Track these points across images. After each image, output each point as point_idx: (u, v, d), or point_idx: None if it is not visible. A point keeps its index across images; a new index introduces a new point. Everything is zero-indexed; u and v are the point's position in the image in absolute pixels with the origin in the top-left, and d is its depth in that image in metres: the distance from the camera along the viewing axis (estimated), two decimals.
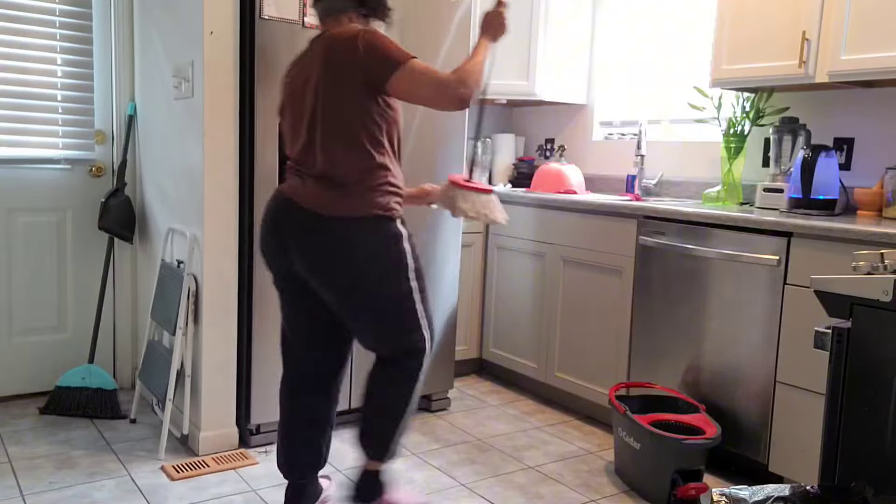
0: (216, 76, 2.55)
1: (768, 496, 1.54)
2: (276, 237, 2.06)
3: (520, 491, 2.51)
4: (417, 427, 3.04)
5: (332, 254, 1.98)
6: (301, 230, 2.00)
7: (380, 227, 2.01)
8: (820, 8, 2.62)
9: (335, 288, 2.02)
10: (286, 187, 2.07)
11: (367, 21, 2.14)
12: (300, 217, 2.00)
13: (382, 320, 2.06)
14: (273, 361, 2.73)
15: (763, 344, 2.48)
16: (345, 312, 2.07)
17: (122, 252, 3.31)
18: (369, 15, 2.14)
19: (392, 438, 2.14)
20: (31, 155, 3.09)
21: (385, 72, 1.95)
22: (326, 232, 1.98)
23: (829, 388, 1.63)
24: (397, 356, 2.10)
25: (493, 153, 4.09)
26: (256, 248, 2.63)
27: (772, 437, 2.46)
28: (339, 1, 2.09)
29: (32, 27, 3.03)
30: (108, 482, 2.43)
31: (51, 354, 3.23)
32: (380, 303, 2.04)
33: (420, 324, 2.10)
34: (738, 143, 3.04)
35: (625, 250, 2.92)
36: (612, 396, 2.65)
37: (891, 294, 1.50)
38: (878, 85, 2.74)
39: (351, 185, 1.99)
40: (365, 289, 2.01)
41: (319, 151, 2.00)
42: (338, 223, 1.98)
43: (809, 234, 2.33)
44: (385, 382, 2.14)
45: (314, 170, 2.02)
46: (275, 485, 2.46)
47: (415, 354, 2.10)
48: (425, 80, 1.96)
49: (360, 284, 2.00)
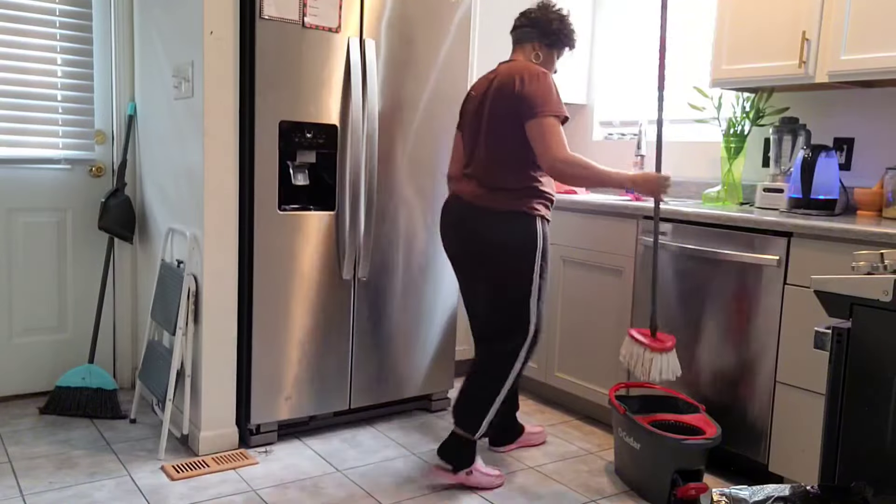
0: (216, 76, 2.55)
1: (768, 496, 1.54)
2: (445, 225, 2.59)
3: (520, 491, 2.51)
4: (417, 427, 3.04)
5: (474, 234, 2.47)
6: (458, 218, 2.51)
7: (517, 220, 2.42)
8: (820, 8, 2.62)
9: (473, 265, 2.52)
10: (456, 187, 2.56)
11: (551, 50, 2.56)
12: (459, 207, 2.51)
13: (500, 297, 2.47)
14: (273, 361, 2.73)
15: (763, 344, 2.48)
16: (473, 287, 2.59)
17: (122, 252, 3.31)
18: (552, 45, 2.55)
19: (476, 411, 2.46)
20: (31, 155, 3.09)
21: (526, 115, 2.38)
22: (475, 219, 2.46)
23: (829, 388, 1.63)
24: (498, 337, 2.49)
25: None
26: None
27: (772, 437, 2.46)
28: (527, 33, 2.54)
29: (32, 27, 3.03)
30: (108, 482, 2.43)
31: (51, 354, 3.23)
32: (500, 284, 2.46)
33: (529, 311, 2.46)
34: (738, 143, 3.04)
35: (625, 250, 2.92)
36: (612, 396, 2.65)
37: (891, 294, 1.50)
38: (878, 85, 2.74)
39: (501, 189, 2.43)
40: (491, 268, 2.46)
41: (483, 163, 2.47)
42: (484, 212, 2.44)
43: (809, 235, 2.33)
44: (483, 361, 2.51)
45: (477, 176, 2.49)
46: (275, 485, 2.46)
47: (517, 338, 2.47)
48: (544, 139, 2.36)
49: (489, 264, 2.46)
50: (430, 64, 2.98)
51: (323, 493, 2.42)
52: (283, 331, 2.74)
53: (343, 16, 2.72)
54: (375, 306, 2.96)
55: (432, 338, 3.15)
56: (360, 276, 2.89)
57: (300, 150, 2.72)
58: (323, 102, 2.72)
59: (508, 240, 2.41)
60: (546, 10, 2.56)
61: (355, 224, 2.83)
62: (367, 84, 2.77)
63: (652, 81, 3.69)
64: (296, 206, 2.73)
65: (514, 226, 2.41)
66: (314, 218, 2.76)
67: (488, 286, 2.48)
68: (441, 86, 3.01)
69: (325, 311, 2.83)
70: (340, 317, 2.87)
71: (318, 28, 2.67)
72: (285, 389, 2.77)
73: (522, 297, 2.45)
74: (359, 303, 2.91)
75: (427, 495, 2.45)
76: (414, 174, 2.99)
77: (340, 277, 2.85)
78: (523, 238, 2.42)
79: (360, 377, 2.96)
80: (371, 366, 2.98)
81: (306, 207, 2.75)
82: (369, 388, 2.99)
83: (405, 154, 2.96)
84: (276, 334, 2.72)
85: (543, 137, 2.36)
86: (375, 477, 2.56)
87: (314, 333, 2.81)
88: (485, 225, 2.43)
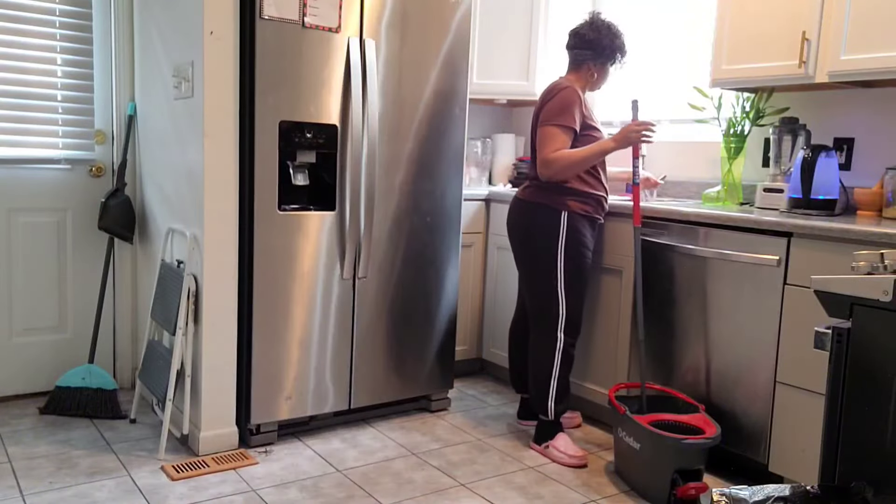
0: (216, 76, 2.55)
1: (768, 496, 1.54)
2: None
3: (520, 491, 2.51)
4: (417, 427, 3.04)
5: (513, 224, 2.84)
6: (509, 210, 2.87)
7: (543, 212, 2.71)
8: (820, 8, 2.62)
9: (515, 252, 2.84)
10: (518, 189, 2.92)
11: (605, 65, 2.79)
12: (513, 202, 2.87)
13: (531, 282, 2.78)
14: (273, 361, 2.73)
15: (763, 344, 2.48)
16: (520, 273, 2.87)
17: (122, 252, 3.31)
18: (606, 61, 2.78)
19: (539, 394, 2.77)
20: (31, 155, 3.09)
21: (540, 125, 2.71)
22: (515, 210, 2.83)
23: (829, 388, 1.63)
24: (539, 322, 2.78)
25: (493, 153, 4.10)
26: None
27: (772, 437, 2.46)
28: (580, 54, 2.78)
29: (32, 27, 3.03)
30: (108, 482, 2.43)
31: (51, 354, 3.23)
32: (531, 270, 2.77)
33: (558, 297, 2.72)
34: (738, 143, 3.04)
35: (625, 250, 2.92)
36: (611, 396, 2.65)
37: (891, 294, 1.50)
38: (878, 85, 2.74)
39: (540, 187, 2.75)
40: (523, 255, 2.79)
41: (532, 165, 2.81)
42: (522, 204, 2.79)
43: (809, 235, 2.33)
44: (531, 342, 2.83)
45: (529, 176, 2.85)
46: (275, 485, 2.47)
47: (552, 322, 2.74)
48: (540, 144, 2.69)
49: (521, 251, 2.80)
50: (430, 64, 2.98)
51: (323, 493, 2.42)
52: (283, 331, 2.74)
53: (343, 16, 2.72)
54: (375, 306, 2.96)
55: (432, 338, 3.15)
56: (360, 275, 2.89)
57: (300, 150, 2.72)
58: (323, 102, 2.72)
59: (531, 228, 2.74)
60: (598, 30, 2.76)
61: (355, 224, 2.83)
62: (367, 84, 2.77)
63: (652, 82, 3.69)
64: (296, 206, 2.73)
65: (538, 216, 2.72)
66: (314, 218, 2.76)
67: (524, 271, 2.82)
68: (441, 85, 3.01)
69: (325, 311, 2.83)
70: (340, 317, 2.87)
71: (318, 28, 2.67)
72: (285, 389, 2.77)
73: (549, 282, 2.72)
74: (359, 303, 2.91)
75: (427, 495, 2.45)
76: (414, 174, 2.99)
77: (341, 277, 2.85)
78: (546, 228, 2.70)
79: (360, 377, 2.96)
80: (371, 366, 2.98)
81: (306, 207, 2.75)
82: (369, 388, 2.99)
83: (405, 154, 2.96)
84: (276, 334, 2.72)
85: (540, 143, 2.69)
86: (375, 477, 2.56)
87: (314, 333, 2.81)
88: (519, 215, 2.80)
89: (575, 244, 2.71)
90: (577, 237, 2.71)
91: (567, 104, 2.65)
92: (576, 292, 2.74)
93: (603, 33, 2.74)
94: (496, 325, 3.62)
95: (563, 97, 2.67)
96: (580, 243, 2.72)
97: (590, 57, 2.77)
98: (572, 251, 2.71)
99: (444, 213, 3.10)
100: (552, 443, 2.77)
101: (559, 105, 2.66)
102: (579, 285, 2.75)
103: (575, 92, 2.68)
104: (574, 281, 2.73)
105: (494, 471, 2.66)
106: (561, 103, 2.66)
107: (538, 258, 2.73)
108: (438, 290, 3.13)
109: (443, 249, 3.12)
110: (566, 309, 2.73)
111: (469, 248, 3.58)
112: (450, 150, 3.08)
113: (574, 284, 2.73)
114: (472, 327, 3.67)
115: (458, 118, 3.09)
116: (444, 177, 3.08)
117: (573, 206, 2.70)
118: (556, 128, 2.65)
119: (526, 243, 2.77)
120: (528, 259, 2.78)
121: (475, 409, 3.30)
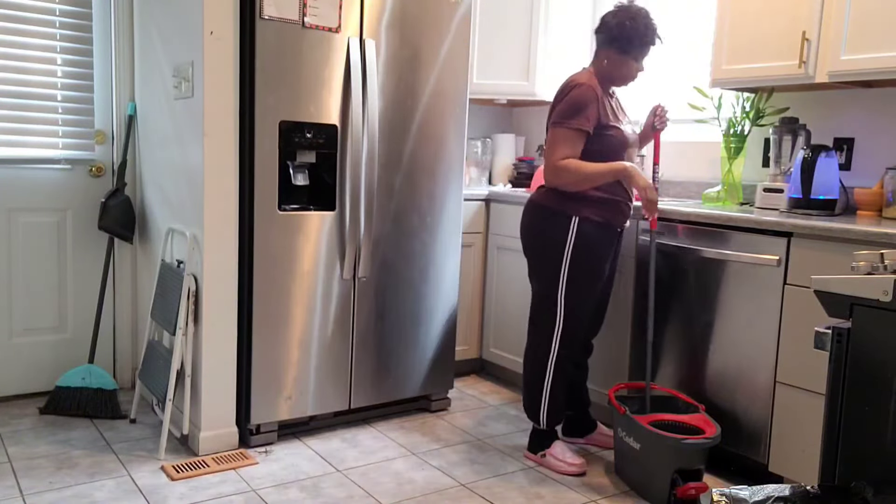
0: (216, 76, 2.55)
1: (768, 496, 1.54)
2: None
3: (519, 491, 2.51)
4: (417, 427, 3.04)
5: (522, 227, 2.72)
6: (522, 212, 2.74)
7: (552, 217, 2.58)
8: (820, 8, 2.62)
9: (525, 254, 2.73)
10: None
11: (624, 55, 2.56)
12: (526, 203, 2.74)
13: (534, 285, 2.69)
14: (273, 361, 2.73)
15: (763, 344, 2.48)
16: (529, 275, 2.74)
17: (122, 252, 3.31)
18: (624, 50, 2.55)
19: (531, 402, 2.69)
20: (31, 155, 3.09)
21: (552, 122, 2.56)
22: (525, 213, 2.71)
23: (829, 388, 1.63)
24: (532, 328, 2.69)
25: (493, 153, 4.10)
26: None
27: (772, 437, 2.46)
28: (597, 39, 2.61)
29: (32, 27, 3.03)
30: (108, 482, 2.43)
31: (51, 354, 3.23)
32: (534, 273, 2.67)
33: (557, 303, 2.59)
34: (738, 143, 3.04)
35: (625, 250, 2.92)
36: (611, 397, 2.64)
37: (891, 294, 1.50)
38: (878, 85, 2.74)
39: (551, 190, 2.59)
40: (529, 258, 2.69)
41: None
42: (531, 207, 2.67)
43: (809, 235, 2.33)
44: (527, 345, 2.72)
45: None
46: (275, 485, 2.47)
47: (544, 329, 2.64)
48: (548, 148, 2.55)
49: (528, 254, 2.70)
50: (430, 64, 2.98)
51: (323, 493, 2.42)
52: (283, 331, 2.74)
53: (343, 16, 2.72)
54: (375, 306, 2.96)
55: (432, 338, 3.15)
56: (360, 276, 2.89)
57: (300, 150, 2.72)
58: (323, 102, 2.72)
59: (538, 233, 2.63)
60: (616, 14, 2.54)
61: (355, 224, 2.83)
62: (367, 84, 2.77)
63: (652, 82, 3.68)
64: (296, 206, 2.73)
65: (546, 221, 2.60)
66: (314, 218, 2.76)
67: (530, 275, 2.72)
68: (441, 85, 3.01)
69: (326, 311, 2.83)
70: (340, 317, 2.87)
71: (318, 28, 2.67)
72: (285, 389, 2.77)
73: (550, 288, 2.60)
74: (359, 303, 2.91)
75: (427, 495, 2.45)
76: (414, 174, 2.99)
77: (341, 277, 2.85)
78: (553, 234, 2.57)
79: (360, 377, 2.96)
80: (371, 366, 2.98)
81: (306, 207, 2.75)
82: (369, 388, 2.99)
83: (405, 154, 2.96)
84: (276, 334, 2.72)
85: (549, 146, 2.55)
86: (375, 477, 2.56)
87: (314, 333, 2.81)
88: (528, 218, 2.68)
89: (584, 253, 2.54)
90: (588, 246, 2.55)
91: (579, 104, 2.48)
92: (577, 304, 2.59)
93: (620, 17, 2.52)
94: (496, 324, 3.62)
95: (575, 96, 2.49)
96: (591, 253, 2.55)
97: (603, 42, 2.58)
98: (580, 260, 2.54)
99: (444, 213, 3.10)
100: (549, 451, 2.70)
101: (570, 105, 2.49)
102: (582, 298, 2.59)
103: (590, 89, 2.50)
104: (577, 292, 2.57)
105: (494, 471, 2.66)
106: (572, 103, 2.49)
107: (542, 265, 2.62)
108: (438, 290, 3.13)
109: (443, 249, 3.12)
110: (563, 320, 2.59)
111: (469, 248, 3.58)
112: (450, 150, 3.08)
113: (576, 296, 2.58)
114: (472, 327, 3.67)
115: (458, 118, 3.09)
116: (444, 177, 3.08)
117: (586, 212, 2.53)
118: (566, 130, 2.49)
119: (532, 248, 2.66)
120: (533, 263, 2.67)
121: (475, 409, 3.30)
